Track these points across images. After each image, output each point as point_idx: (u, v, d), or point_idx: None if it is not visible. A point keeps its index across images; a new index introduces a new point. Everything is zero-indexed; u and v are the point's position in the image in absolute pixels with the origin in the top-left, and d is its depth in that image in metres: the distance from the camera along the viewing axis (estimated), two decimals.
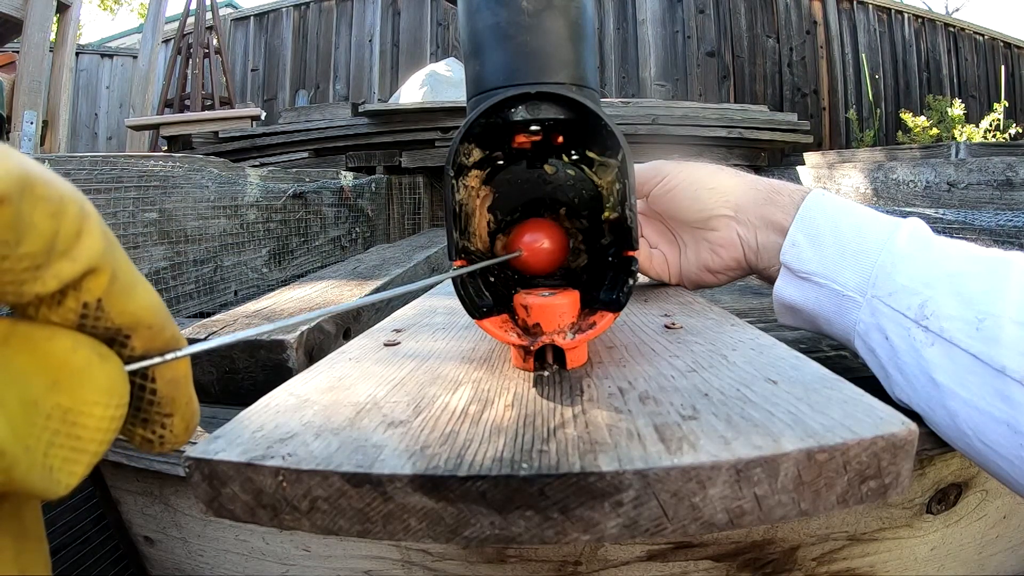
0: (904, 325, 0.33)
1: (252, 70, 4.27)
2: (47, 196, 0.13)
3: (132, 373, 0.16)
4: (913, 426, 0.19)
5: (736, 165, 1.86)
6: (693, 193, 0.44)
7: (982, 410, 0.29)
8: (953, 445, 0.33)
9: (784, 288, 0.40)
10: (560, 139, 0.30)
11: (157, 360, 0.16)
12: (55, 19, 2.70)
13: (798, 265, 0.39)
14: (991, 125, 2.95)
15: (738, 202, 0.43)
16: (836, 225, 0.38)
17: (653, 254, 0.47)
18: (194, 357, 0.17)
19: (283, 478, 0.19)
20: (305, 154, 1.95)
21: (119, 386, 0.15)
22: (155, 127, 2.85)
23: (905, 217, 0.37)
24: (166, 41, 4.02)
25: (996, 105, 3.13)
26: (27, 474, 0.13)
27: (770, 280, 0.42)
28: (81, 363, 0.14)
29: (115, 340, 0.15)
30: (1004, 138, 2.94)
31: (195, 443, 0.20)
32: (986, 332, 0.30)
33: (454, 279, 0.27)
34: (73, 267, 0.14)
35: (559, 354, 0.27)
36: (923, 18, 3.88)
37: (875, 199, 1.37)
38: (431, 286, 0.27)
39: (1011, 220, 1.02)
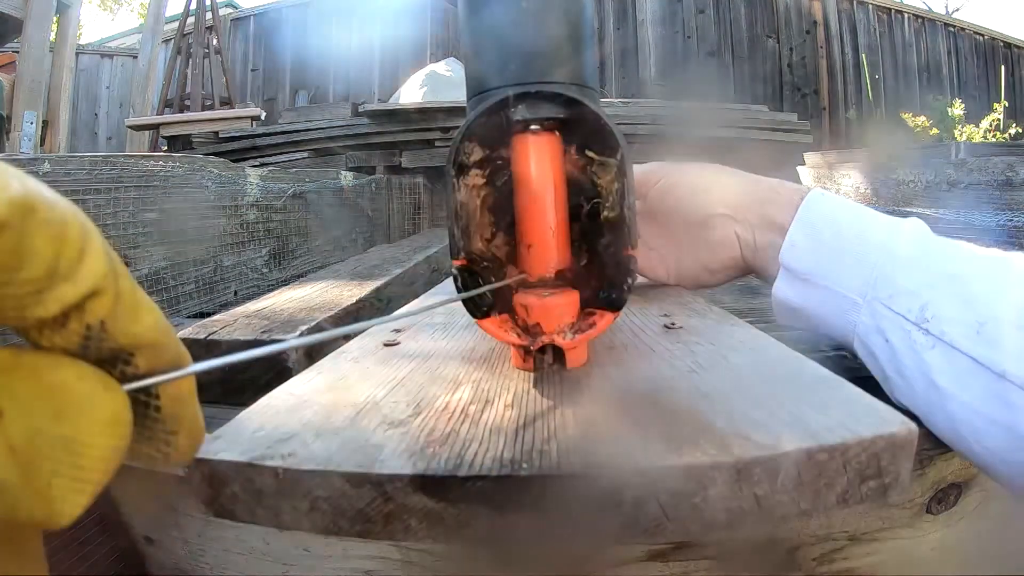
0: (904, 328, 0.33)
1: (252, 70, 4.27)
2: (49, 220, 0.13)
3: (136, 391, 0.16)
4: (913, 426, 0.20)
5: (736, 165, 1.86)
6: (691, 193, 0.44)
7: (982, 414, 0.29)
8: (952, 448, 0.32)
9: (783, 289, 0.40)
10: (560, 139, 0.30)
11: (159, 379, 0.16)
12: (55, 19, 2.70)
13: (797, 266, 0.38)
14: (991, 125, 2.95)
15: (736, 201, 0.43)
16: (836, 226, 0.38)
17: (652, 254, 0.47)
18: (193, 356, 0.17)
19: (283, 478, 0.19)
20: (305, 154, 1.95)
21: (122, 416, 0.15)
22: (155, 127, 2.85)
23: (905, 217, 0.37)
24: (166, 41, 4.01)
25: (996, 105, 3.13)
26: (30, 505, 0.13)
27: (769, 280, 0.42)
28: (85, 393, 0.14)
29: (119, 359, 0.15)
30: (1004, 138, 2.94)
31: None
32: (987, 336, 0.30)
33: (454, 279, 0.27)
34: (75, 290, 0.13)
35: (559, 354, 0.27)
36: (923, 18, 3.88)
37: (875, 199, 1.37)
38: (433, 304, 0.27)
39: (1011, 220, 1.02)
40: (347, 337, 0.50)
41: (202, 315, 0.87)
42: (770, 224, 0.41)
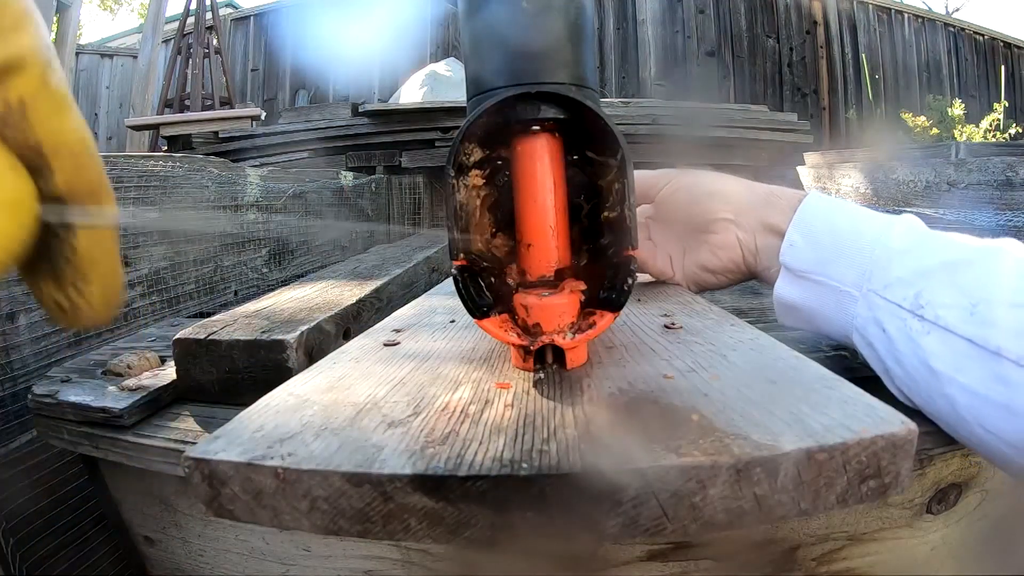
0: (900, 316, 0.34)
1: (252, 70, 4.27)
2: None
3: (53, 221, 0.15)
4: (913, 425, 0.20)
5: (736, 165, 1.86)
6: (695, 197, 0.46)
7: (980, 394, 0.30)
8: (954, 435, 0.33)
9: (784, 288, 0.41)
10: (560, 139, 0.30)
11: (79, 214, 0.15)
12: (55, 19, 2.70)
13: (796, 264, 0.39)
14: (991, 125, 2.95)
15: (738, 206, 0.44)
16: (832, 224, 0.39)
17: (657, 254, 0.48)
18: (193, 356, 0.17)
19: (283, 478, 0.19)
20: (305, 154, 1.95)
21: (26, 203, 0.14)
22: (155, 127, 2.85)
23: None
24: (166, 41, 4.01)
25: (996, 105, 3.13)
26: None
27: (770, 283, 0.43)
28: None
29: (37, 168, 0.15)
30: (1004, 138, 2.95)
31: (195, 443, 0.20)
32: (980, 316, 0.30)
33: (455, 278, 0.27)
34: (2, 50, 0.13)
35: (559, 354, 0.27)
36: (923, 18, 3.88)
37: (875, 199, 1.37)
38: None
39: (1011, 220, 1.02)
40: (346, 337, 0.50)
41: (202, 315, 0.87)
42: (770, 228, 0.42)
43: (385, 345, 0.33)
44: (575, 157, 0.31)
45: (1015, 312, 0.29)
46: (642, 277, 0.50)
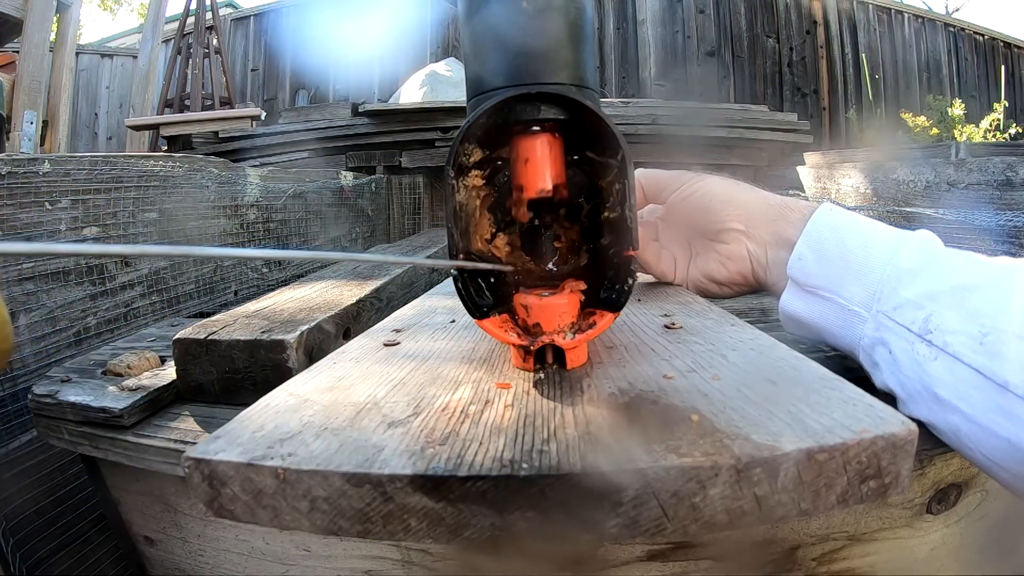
0: (908, 339, 0.33)
1: (252, 70, 4.27)
2: None
3: None
4: (913, 426, 0.20)
5: (736, 165, 1.86)
6: (707, 204, 0.45)
7: (983, 425, 0.29)
8: (957, 451, 0.33)
9: (790, 301, 0.40)
10: (560, 139, 0.30)
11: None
12: (55, 19, 2.70)
13: (803, 278, 0.39)
14: (991, 125, 2.96)
15: (750, 217, 0.43)
16: (842, 239, 0.38)
17: (663, 255, 0.48)
18: (193, 356, 0.17)
19: (283, 478, 0.19)
20: (305, 154, 1.95)
21: None
22: (155, 127, 2.85)
23: (910, 222, 0.37)
24: (166, 41, 4.01)
25: (996, 105, 3.14)
26: None
27: (779, 296, 0.42)
28: None
29: None
30: (1004, 138, 2.95)
31: (195, 443, 0.20)
32: (989, 347, 0.29)
33: (455, 278, 0.27)
34: None
35: (559, 354, 0.27)
36: (923, 18, 3.88)
37: (875, 199, 1.37)
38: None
39: (1011, 220, 1.02)
40: (346, 337, 0.50)
41: (202, 315, 0.87)
42: (782, 241, 0.41)
43: (385, 345, 0.33)
44: (575, 157, 0.31)
45: None
46: (643, 277, 0.50)
